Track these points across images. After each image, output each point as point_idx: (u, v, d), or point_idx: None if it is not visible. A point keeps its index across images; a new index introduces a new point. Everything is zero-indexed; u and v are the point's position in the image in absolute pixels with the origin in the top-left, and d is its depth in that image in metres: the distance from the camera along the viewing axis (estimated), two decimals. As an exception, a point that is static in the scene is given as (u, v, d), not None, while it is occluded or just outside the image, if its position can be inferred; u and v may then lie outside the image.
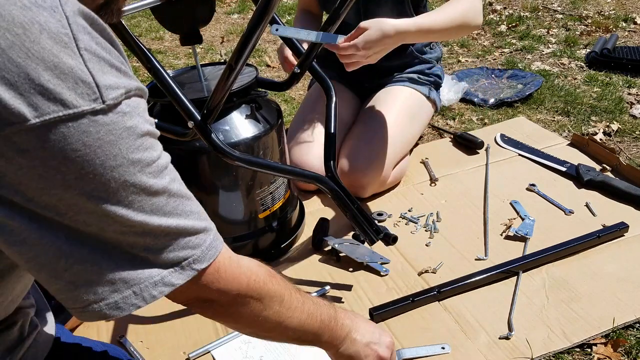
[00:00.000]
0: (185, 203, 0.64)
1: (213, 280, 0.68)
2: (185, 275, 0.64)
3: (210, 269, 0.67)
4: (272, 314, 0.76)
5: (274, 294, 0.76)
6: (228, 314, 0.73)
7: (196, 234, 0.64)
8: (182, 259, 0.63)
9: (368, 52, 1.41)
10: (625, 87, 2.42)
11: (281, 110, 1.53)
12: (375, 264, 1.47)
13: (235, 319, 0.75)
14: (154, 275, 0.60)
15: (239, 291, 0.71)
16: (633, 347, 1.22)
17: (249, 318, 0.74)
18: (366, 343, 0.88)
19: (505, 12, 3.58)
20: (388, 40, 1.42)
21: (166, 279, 0.62)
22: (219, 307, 0.72)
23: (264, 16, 0.99)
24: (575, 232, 1.52)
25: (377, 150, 1.72)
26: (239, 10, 3.92)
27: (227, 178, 1.42)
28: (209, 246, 0.66)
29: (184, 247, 0.63)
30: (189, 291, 0.66)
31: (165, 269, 0.62)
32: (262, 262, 0.80)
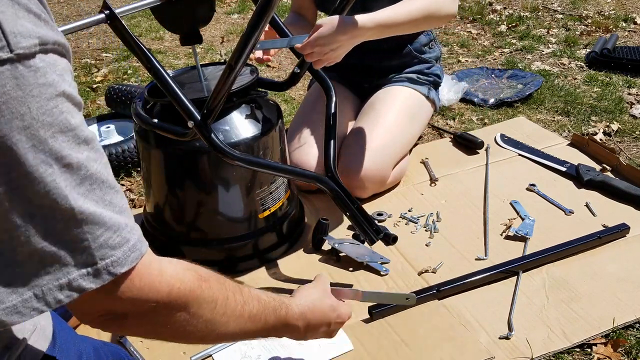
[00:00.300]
0: (107, 191, 0.54)
1: (129, 288, 0.58)
2: (99, 280, 0.54)
3: (130, 274, 0.57)
4: (202, 323, 0.67)
5: (203, 301, 0.67)
6: (144, 328, 0.64)
7: (117, 230, 0.54)
8: (98, 259, 0.53)
9: (323, 49, 1.36)
10: (625, 87, 2.42)
11: (281, 110, 1.53)
12: (375, 264, 1.47)
13: (155, 332, 0.66)
14: (60, 276, 0.52)
15: (158, 301, 0.62)
16: (633, 347, 1.22)
17: (173, 330, 0.65)
18: (326, 323, 0.86)
19: (505, 12, 3.58)
20: (341, 37, 1.37)
21: (76, 282, 0.53)
22: (132, 320, 0.61)
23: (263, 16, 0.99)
24: (575, 232, 1.52)
25: (377, 150, 1.72)
26: (239, 10, 3.92)
27: (227, 178, 1.42)
28: (132, 247, 0.56)
29: (102, 246, 0.53)
30: (98, 301, 0.57)
31: (76, 270, 0.52)
32: (196, 265, 0.71)
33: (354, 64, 1.93)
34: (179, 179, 1.44)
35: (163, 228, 1.52)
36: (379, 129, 1.77)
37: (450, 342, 1.25)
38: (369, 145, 1.73)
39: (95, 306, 0.57)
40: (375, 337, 1.27)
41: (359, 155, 1.72)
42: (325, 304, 0.86)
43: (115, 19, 1.17)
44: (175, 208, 1.49)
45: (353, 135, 1.79)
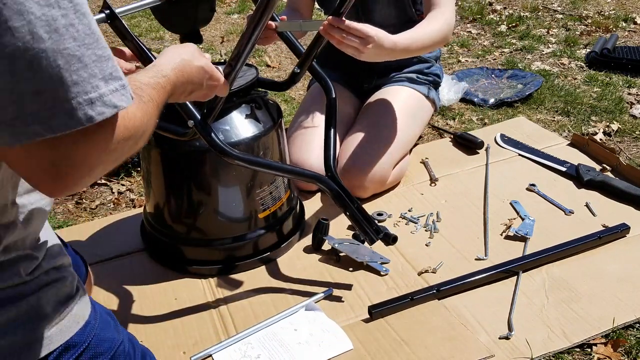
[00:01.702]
0: (101, 40, 0.56)
1: (121, 125, 0.60)
2: (126, 98, 0.57)
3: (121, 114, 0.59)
4: (140, 145, 0.68)
5: (147, 130, 0.68)
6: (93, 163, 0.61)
7: (118, 69, 0.57)
8: (118, 77, 0.57)
9: (355, 39, 1.36)
10: (625, 87, 2.42)
11: (281, 110, 1.53)
12: (375, 264, 1.47)
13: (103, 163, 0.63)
14: (89, 90, 0.54)
15: (127, 138, 0.62)
16: (633, 347, 1.22)
17: (119, 159, 0.65)
18: (196, 69, 0.84)
19: (505, 12, 3.58)
20: (378, 44, 1.39)
21: (107, 97, 0.55)
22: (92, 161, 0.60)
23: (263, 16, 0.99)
24: (575, 232, 1.52)
25: (377, 150, 1.72)
26: (239, 10, 3.92)
27: (227, 178, 1.42)
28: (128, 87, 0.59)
29: (115, 69, 0.56)
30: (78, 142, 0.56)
31: (104, 85, 0.55)
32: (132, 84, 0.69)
33: (353, 64, 1.93)
34: (179, 179, 1.44)
35: (163, 228, 1.52)
36: (379, 129, 1.77)
37: (450, 341, 1.25)
38: (369, 145, 1.73)
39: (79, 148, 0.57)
40: (375, 337, 1.27)
41: (359, 155, 1.72)
42: (193, 66, 0.84)
43: (116, 19, 1.17)
44: (175, 208, 1.49)
45: (353, 135, 1.79)
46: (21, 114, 0.52)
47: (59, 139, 0.54)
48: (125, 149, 0.63)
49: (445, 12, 1.64)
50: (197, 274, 1.49)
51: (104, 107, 0.55)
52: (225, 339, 1.29)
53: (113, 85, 0.56)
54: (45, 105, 0.52)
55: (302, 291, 1.42)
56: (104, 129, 0.58)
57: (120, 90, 0.57)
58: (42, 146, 0.54)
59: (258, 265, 1.51)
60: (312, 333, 1.29)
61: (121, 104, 0.57)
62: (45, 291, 0.70)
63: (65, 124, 0.53)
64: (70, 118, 0.53)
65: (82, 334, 0.73)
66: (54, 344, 0.69)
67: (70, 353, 0.71)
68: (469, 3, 3.72)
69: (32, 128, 0.52)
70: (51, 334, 0.68)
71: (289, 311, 1.34)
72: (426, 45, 1.59)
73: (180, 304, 1.41)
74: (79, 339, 0.72)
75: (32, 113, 0.52)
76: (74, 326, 0.72)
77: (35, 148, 0.54)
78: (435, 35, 1.60)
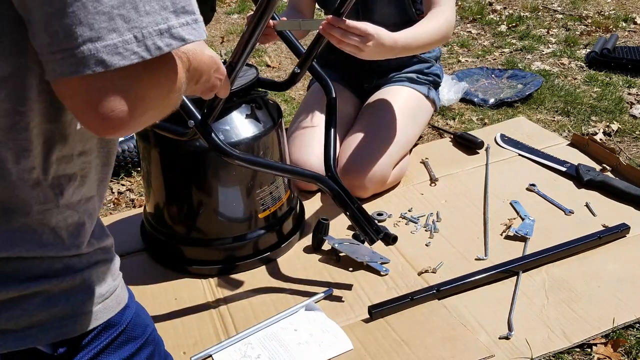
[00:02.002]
0: None
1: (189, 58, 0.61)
2: (196, 33, 0.57)
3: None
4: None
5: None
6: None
7: (192, 3, 0.57)
8: (191, 12, 0.56)
9: (354, 38, 1.36)
10: (625, 87, 2.42)
11: (281, 110, 1.53)
12: (375, 264, 1.47)
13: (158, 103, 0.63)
14: (159, 21, 0.54)
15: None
16: (633, 347, 1.22)
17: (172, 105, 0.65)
18: (207, 73, 0.83)
19: (505, 12, 3.58)
20: (378, 42, 1.40)
21: (175, 29, 0.55)
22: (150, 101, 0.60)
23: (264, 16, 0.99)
24: (575, 232, 1.52)
25: (377, 150, 1.72)
26: (239, 10, 3.92)
27: (227, 178, 1.42)
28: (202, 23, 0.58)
29: (187, 3, 0.56)
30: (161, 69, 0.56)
31: (175, 17, 0.55)
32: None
33: (354, 64, 1.93)
34: (179, 179, 1.44)
35: (163, 228, 1.52)
36: (379, 129, 1.77)
37: (450, 341, 1.25)
38: (369, 145, 1.73)
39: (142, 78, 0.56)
40: (375, 337, 1.27)
41: (359, 155, 1.72)
42: (205, 53, 0.83)
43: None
44: (175, 208, 1.49)
45: (353, 135, 1.79)
46: (87, 41, 0.51)
47: (120, 71, 0.53)
48: (174, 99, 0.63)
49: (445, 10, 1.64)
50: (197, 274, 1.49)
51: (171, 39, 0.55)
52: (225, 339, 1.29)
53: (184, 18, 0.56)
54: (112, 33, 0.52)
55: (302, 291, 1.42)
56: (167, 65, 0.58)
57: (192, 24, 0.57)
58: (101, 78, 0.53)
59: (258, 265, 1.51)
60: (312, 333, 1.29)
61: (189, 37, 0.56)
62: (96, 268, 0.71)
63: (133, 54, 0.53)
64: (138, 47, 0.53)
65: (122, 315, 0.75)
66: (98, 320, 0.70)
67: (109, 332, 0.73)
68: (469, 3, 3.72)
69: (96, 57, 0.51)
70: (97, 311, 0.70)
71: (289, 311, 1.34)
72: (426, 43, 1.59)
73: (180, 304, 1.41)
74: (118, 319, 0.74)
75: (98, 42, 0.51)
76: (115, 306, 0.74)
77: (94, 80, 0.52)
78: (435, 33, 1.60)
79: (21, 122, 0.59)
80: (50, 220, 0.65)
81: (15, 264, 0.63)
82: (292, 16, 1.91)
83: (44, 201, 0.64)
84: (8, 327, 0.63)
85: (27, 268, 0.64)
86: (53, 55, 0.52)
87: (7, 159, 0.60)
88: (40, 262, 0.65)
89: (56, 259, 0.66)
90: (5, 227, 0.62)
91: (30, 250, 0.63)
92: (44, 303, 0.65)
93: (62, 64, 0.51)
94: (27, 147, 0.60)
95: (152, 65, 0.55)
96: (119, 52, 0.52)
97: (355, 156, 1.72)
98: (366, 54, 1.42)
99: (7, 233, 0.62)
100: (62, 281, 0.66)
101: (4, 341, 0.63)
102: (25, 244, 0.63)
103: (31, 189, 0.62)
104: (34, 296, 0.64)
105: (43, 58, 0.53)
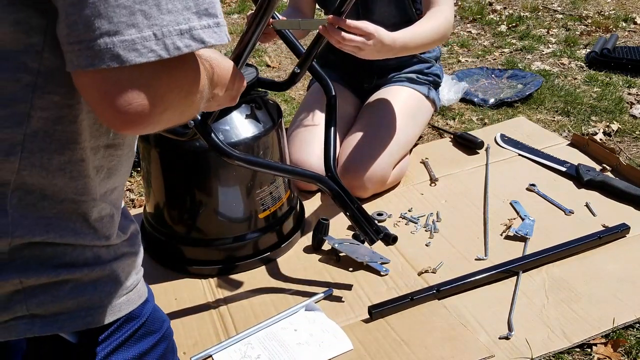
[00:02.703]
0: None
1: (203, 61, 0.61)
2: (217, 36, 0.56)
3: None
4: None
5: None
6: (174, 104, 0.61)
7: (215, 7, 0.57)
8: (214, 15, 0.56)
9: (356, 38, 1.37)
10: (625, 87, 2.42)
11: (281, 110, 1.53)
12: (375, 264, 1.47)
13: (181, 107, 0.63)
14: (180, 21, 0.53)
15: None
16: (633, 347, 1.22)
17: (194, 108, 0.65)
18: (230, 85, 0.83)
19: (505, 12, 3.58)
20: (379, 41, 1.40)
21: (196, 31, 0.55)
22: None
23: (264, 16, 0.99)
24: (575, 232, 1.52)
25: (377, 150, 1.72)
26: (239, 10, 3.91)
27: (227, 178, 1.42)
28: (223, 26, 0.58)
29: (211, 6, 0.55)
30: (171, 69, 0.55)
31: (197, 19, 0.54)
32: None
33: (354, 64, 1.93)
34: (179, 179, 1.44)
35: (163, 228, 1.52)
36: (379, 129, 1.77)
37: (450, 341, 1.25)
38: (369, 146, 1.73)
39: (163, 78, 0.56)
40: (375, 337, 1.27)
41: (359, 155, 1.72)
42: (226, 63, 0.83)
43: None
44: (175, 208, 1.49)
45: (353, 135, 1.79)
46: (104, 35, 0.51)
47: (138, 67, 0.53)
48: (195, 102, 0.63)
49: (444, 10, 1.64)
50: (197, 274, 1.49)
51: (191, 40, 0.54)
52: (225, 339, 1.29)
53: (206, 21, 0.56)
54: (131, 29, 0.51)
55: (302, 291, 1.42)
56: (187, 66, 0.57)
57: (214, 27, 0.56)
58: (117, 73, 0.52)
59: (258, 265, 1.51)
60: (312, 333, 1.29)
61: (210, 40, 0.56)
62: (123, 261, 0.72)
63: (151, 51, 0.52)
64: (156, 45, 0.52)
65: (142, 309, 0.76)
66: (122, 312, 0.71)
67: (130, 324, 0.74)
68: (469, 3, 3.71)
69: (112, 52, 0.51)
70: (121, 302, 0.71)
71: (289, 311, 1.34)
72: (425, 42, 1.59)
73: (180, 304, 1.41)
74: (139, 312, 0.75)
75: (116, 36, 0.51)
76: (137, 300, 0.75)
77: (110, 74, 0.52)
78: (434, 33, 1.60)
79: (70, 114, 0.60)
80: (84, 210, 0.66)
81: (48, 250, 0.64)
82: (292, 16, 1.90)
83: (80, 192, 0.65)
84: (37, 312, 0.64)
85: (60, 254, 0.65)
86: (71, 46, 0.52)
87: (52, 149, 0.60)
88: (73, 249, 0.66)
89: (87, 248, 0.67)
90: (42, 212, 0.63)
91: (63, 236, 0.64)
92: (73, 291, 0.66)
93: (80, 55, 0.51)
94: (74, 140, 0.61)
95: (171, 64, 0.55)
96: (136, 48, 0.52)
97: (355, 156, 1.72)
98: (365, 54, 1.42)
99: (44, 219, 0.63)
100: (92, 271, 0.67)
101: (32, 325, 0.64)
102: (60, 231, 0.64)
103: (69, 179, 0.63)
104: (65, 283, 0.65)
105: (63, 48, 0.53)
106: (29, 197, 0.61)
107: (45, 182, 0.62)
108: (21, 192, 0.61)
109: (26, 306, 0.63)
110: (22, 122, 0.58)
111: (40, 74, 0.57)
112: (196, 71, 0.60)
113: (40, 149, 0.60)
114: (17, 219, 0.61)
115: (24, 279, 0.62)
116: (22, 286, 0.63)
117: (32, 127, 0.59)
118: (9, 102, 0.57)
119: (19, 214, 0.61)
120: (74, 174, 0.63)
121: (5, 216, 0.61)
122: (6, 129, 0.58)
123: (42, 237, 0.63)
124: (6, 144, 0.58)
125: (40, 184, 0.62)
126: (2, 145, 0.58)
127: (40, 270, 0.63)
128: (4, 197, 0.60)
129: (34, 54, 0.56)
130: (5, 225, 0.61)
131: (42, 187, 0.62)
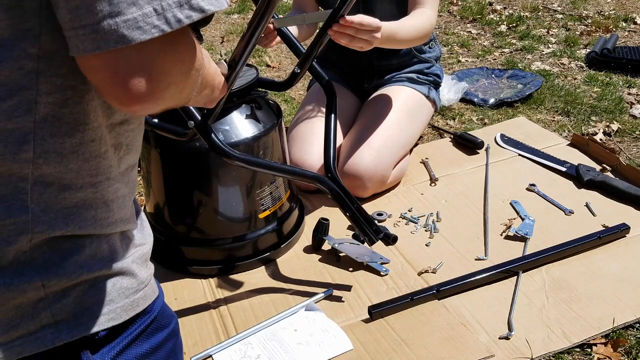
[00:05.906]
0: None
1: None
2: (216, 1, 0.56)
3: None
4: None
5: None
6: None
7: None
8: None
9: (359, 32, 1.40)
10: (625, 87, 2.42)
11: (281, 110, 1.53)
12: (375, 264, 1.47)
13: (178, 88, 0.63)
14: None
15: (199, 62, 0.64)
16: (633, 347, 1.22)
17: (191, 88, 0.65)
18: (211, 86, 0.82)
19: (505, 12, 3.58)
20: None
21: (194, 0, 0.55)
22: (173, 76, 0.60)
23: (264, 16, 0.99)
24: (575, 232, 1.52)
25: (377, 150, 1.72)
26: (239, 10, 3.92)
27: (227, 178, 1.42)
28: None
29: None
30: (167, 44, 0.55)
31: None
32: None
33: (354, 64, 1.93)
34: (179, 179, 1.44)
35: (163, 228, 1.52)
36: (379, 129, 1.77)
37: (450, 341, 1.25)
38: (369, 145, 1.73)
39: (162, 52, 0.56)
40: (375, 337, 1.28)
41: (359, 155, 1.72)
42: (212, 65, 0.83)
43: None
44: (175, 208, 1.49)
45: (353, 135, 1.79)
46: (107, 17, 0.51)
47: (142, 45, 0.53)
48: (194, 83, 0.63)
49: (426, 12, 1.70)
50: (197, 274, 1.49)
51: (191, 10, 0.55)
52: (225, 339, 1.29)
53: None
54: (131, 7, 0.52)
55: (302, 291, 1.42)
56: (185, 39, 0.58)
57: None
58: (123, 53, 0.53)
59: (258, 265, 1.51)
60: (312, 333, 1.29)
61: (209, 7, 0.56)
62: (136, 254, 0.73)
63: (154, 27, 0.53)
64: (158, 20, 0.53)
65: (155, 304, 0.76)
66: (140, 307, 0.72)
67: (144, 318, 0.74)
68: (469, 3, 3.72)
69: (117, 33, 0.51)
70: (138, 298, 0.72)
71: (289, 311, 1.35)
72: (408, 37, 1.63)
73: (180, 304, 1.41)
74: (152, 307, 0.75)
75: (118, 17, 0.51)
76: (152, 294, 0.75)
77: (116, 55, 0.53)
78: (417, 29, 1.65)
79: (74, 96, 0.60)
80: (102, 192, 0.66)
81: (67, 244, 0.64)
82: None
83: (94, 173, 0.65)
84: (61, 317, 0.63)
85: (79, 248, 0.64)
86: (75, 31, 0.52)
87: (63, 133, 0.61)
88: (90, 241, 0.65)
89: (103, 240, 0.67)
90: (63, 203, 0.63)
91: (83, 227, 0.64)
92: (92, 290, 0.66)
93: (85, 40, 0.52)
94: (82, 121, 0.61)
95: (173, 38, 0.55)
96: (139, 26, 0.52)
97: (355, 156, 1.72)
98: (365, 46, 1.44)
99: (64, 210, 0.63)
100: (110, 268, 0.67)
101: (58, 333, 0.63)
102: (80, 222, 0.64)
103: (83, 161, 0.63)
104: (84, 284, 0.65)
105: (66, 34, 0.53)
106: (49, 190, 0.61)
107: (62, 168, 0.61)
108: (41, 185, 0.61)
109: (51, 312, 0.63)
110: (31, 109, 0.58)
111: (40, 58, 0.56)
112: (193, 44, 0.60)
113: (51, 135, 0.60)
114: (38, 214, 0.61)
115: (45, 281, 0.62)
116: (45, 292, 0.62)
117: (40, 114, 0.58)
118: (16, 90, 0.57)
119: (40, 209, 0.61)
120: (87, 155, 0.63)
121: (26, 212, 0.60)
122: (16, 118, 0.58)
123: (62, 230, 0.62)
124: (18, 134, 0.58)
125: (58, 172, 0.61)
126: (15, 136, 0.58)
127: (60, 270, 0.63)
128: (25, 192, 0.60)
129: (32, 39, 0.56)
130: (25, 222, 0.60)
131: (59, 176, 0.62)
